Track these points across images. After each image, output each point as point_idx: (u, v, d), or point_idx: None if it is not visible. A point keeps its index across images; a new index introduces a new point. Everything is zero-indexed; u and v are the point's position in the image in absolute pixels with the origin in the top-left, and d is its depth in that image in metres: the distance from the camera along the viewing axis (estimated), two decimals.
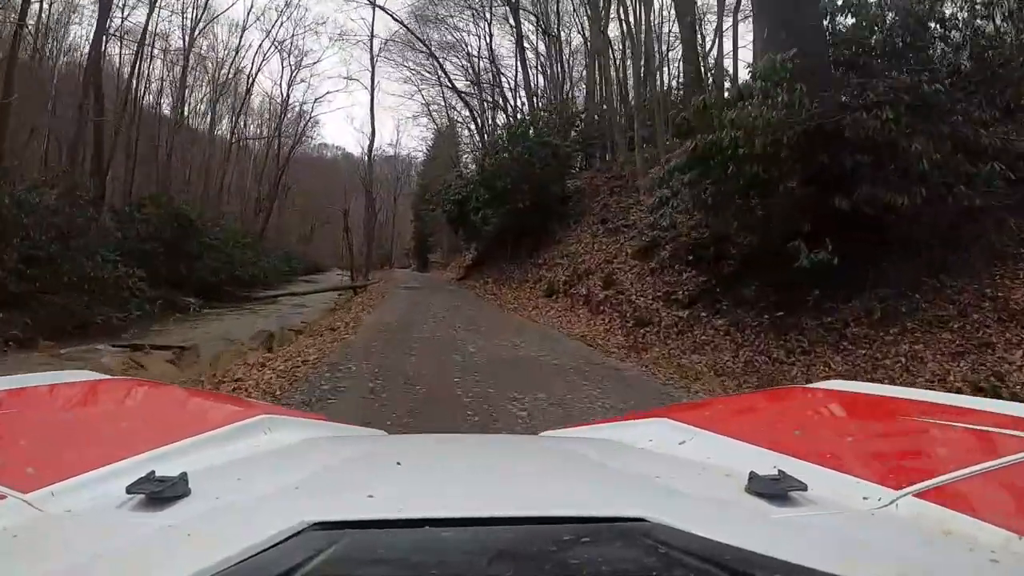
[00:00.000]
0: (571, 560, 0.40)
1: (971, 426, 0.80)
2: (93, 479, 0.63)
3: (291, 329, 12.09)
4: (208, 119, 29.54)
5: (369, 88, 26.23)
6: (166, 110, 27.26)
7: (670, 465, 0.81)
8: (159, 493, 0.56)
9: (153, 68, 26.69)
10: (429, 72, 28.42)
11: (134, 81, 22.34)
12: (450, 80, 25.09)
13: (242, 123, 31.50)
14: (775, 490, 0.60)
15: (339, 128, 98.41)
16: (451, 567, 0.40)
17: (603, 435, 1.09)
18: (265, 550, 0.42)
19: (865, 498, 0.61)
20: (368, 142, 25.96)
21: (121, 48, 24.55)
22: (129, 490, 0.57)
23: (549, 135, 15.72)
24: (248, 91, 28.85)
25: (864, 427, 0.94)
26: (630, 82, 19.91)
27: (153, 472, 0.60)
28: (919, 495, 0.59)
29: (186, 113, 27.48)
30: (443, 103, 31.10)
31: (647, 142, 15.36)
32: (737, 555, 0.42)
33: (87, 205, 17.60)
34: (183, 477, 0.60)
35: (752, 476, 0.63)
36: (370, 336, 8.18)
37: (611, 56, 19.18)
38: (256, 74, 28.76)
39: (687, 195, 9.43)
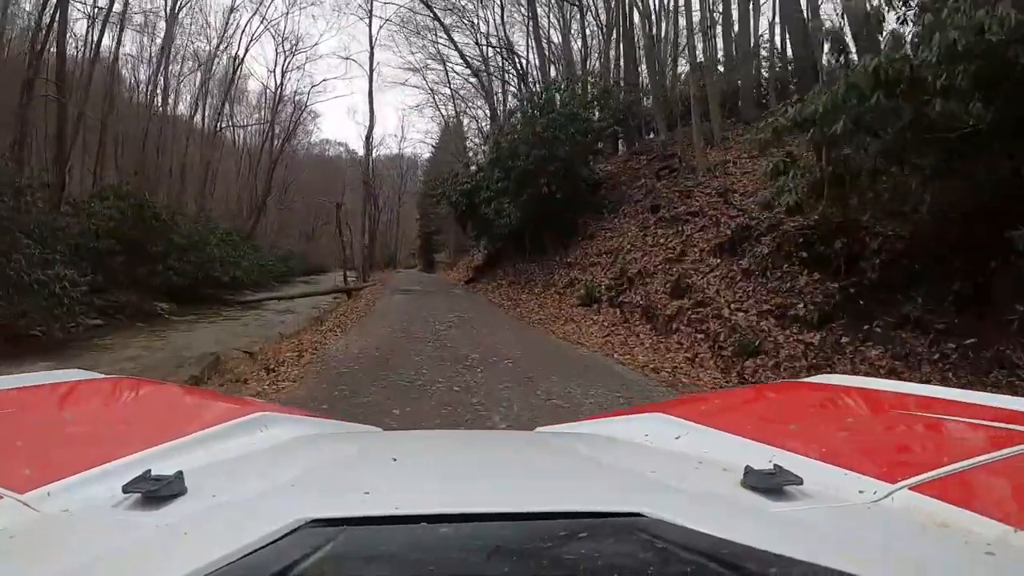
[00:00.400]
0: (568, 556, 0.39)
1: (966, 420, 0.77)
2: (89, 478, 0.60)
3: (245, 350, 8.62)
4: (195, 109, 25.94)
5: (368, 70, 22.67)
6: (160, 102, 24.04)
7: (666, 460, 0.77)
8: (155, 492, 0.53)
9: (142, 54, 23.29)
10: (433, 56, 24.87)
11: (102, 59, 18.80)
12: (455, 45, 21.41)
13: (231, 111, 27.87)
14: (771, 484, 0.57)
15: (342, 124, 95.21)
16: (447, 563, 0.39)
17: (599, 430, 1.03)
18: (262, 547, 0.40)
19: (861, 491, 0.58)
20: (367, 129, 22.33)
21: (92, 28, 21.09)
22: (125, 489, 0.54)
23: (576, 107, 12.11)
24: (235, 72, 25.19)
25: (859, 421, 0.88)
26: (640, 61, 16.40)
27: (149, 471, 0.57)
28: (914, 488, 0.56)
29: (170, 101, 24.00)
30: (449, 91, 27.52)
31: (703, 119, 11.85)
32: (733, 549, 0.40)
33: (25, 195, 14.29)
34: (179, 475, 0.56)
35: (748, 470, 0.59)
36: (320, 389, 4.62)
37: (647, 27, 15.56)
38: (244, 54, 25.12)
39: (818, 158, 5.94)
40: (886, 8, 5.06)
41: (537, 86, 13.48)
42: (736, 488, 0.58)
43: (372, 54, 22.69)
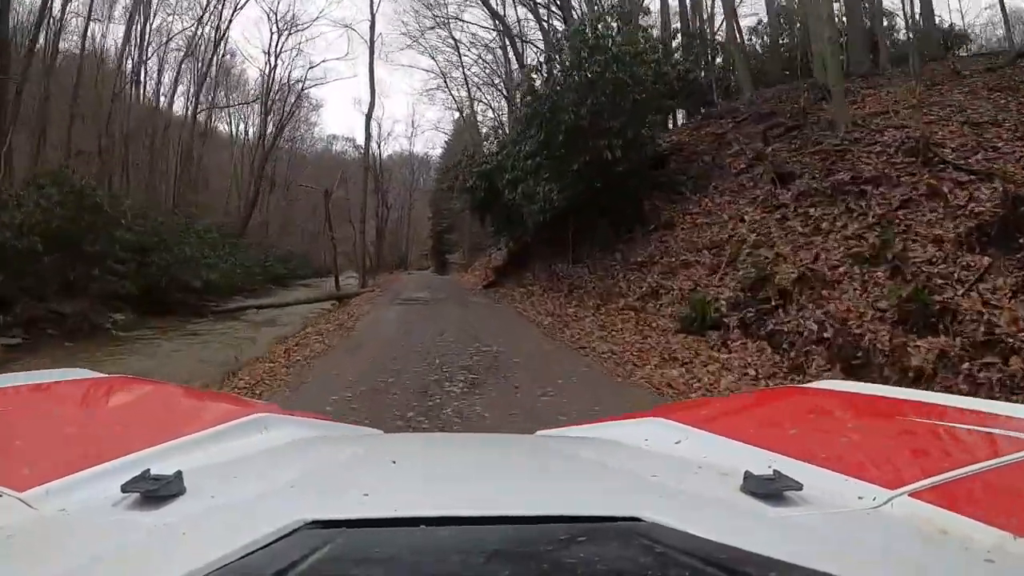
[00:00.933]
0: (567, 559, 0.37)
1: (966, 426, 0.73)
2: (88, 477, 0.58)
3: None
4: (173, 90, 22.40)
5: (368, 40, 18.97)
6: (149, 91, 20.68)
7: (666, 464, 0.73)
8: (154, 492, 0.51)
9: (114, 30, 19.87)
10: (443, 24, 21.15)
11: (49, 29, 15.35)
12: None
13: (214, 94, 24.26)
14: (770, 490, 0.54)
15: (348, 119, 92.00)
16: (446, 566, 0.38)
17: (599, 434, 0.98)
18: (260, 549, 0.39)
19: (860, 498, 0.55)
20: (368, 107, 18.61)
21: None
22: (124, 488, 0.52)
23: (643, 47, 8.27)
24: (217, 46, 21.52)
25: (859, 427, 0.82)
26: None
27: (148, 470, 0.55)
28: (914, 495, 0.54)
29: (150, 83, 20.52)
30: (462, 75, 23.79)
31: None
32: (733, 554, 0.39)
33: None
34: (178, 476, 0.54)
35: (747, 476, 0.56)
36: None
37: None
38: (228, 26, 21.42)
39: None
40: None
41: (586, 24, 9.75)
42: (735, 493, 0.55)
43: (373, 22, 19.04)
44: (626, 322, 6.45)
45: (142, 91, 19.96)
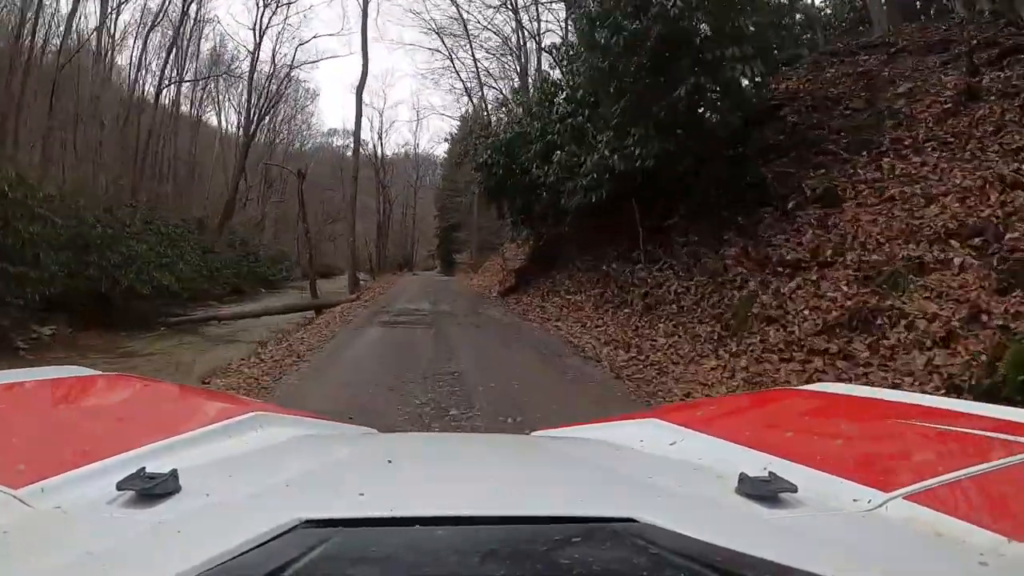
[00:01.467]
0: (561, 560, 0.37)
1: (961, 429, 0.70)
2: (83, 475, 0.56)
3: None
4: (151, 73, 19.40)
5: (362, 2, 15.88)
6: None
7: (661, 466, 0.72)
8: (149, 490, 0.50)
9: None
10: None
11: None
12: None
13: (190, 72, 21.24)
14: (765, 491, 0.53)
15: (349, 115, 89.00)
16: (441, 566, 0.37)
17: (594, 435, 0.96)
18: (256, 547, 0.39)
19: (855, 500, 0.54)
20: (360, 78, 15.52)
21: None
22: (119, 487, 0.51)
23: None
24: (187, 8, 18.39)
25: (854, 429, 0.81)
26: None
27: (143, 469, 0.54)
28: (909, 498, 0.53)
29: (108, 53, 17.55)
30: (468, 44, 20.60)
31: None
32: (727, 556, 0.38)
33: None
34: (173, 474, 0.53)
35: (742, 477, 0.55)
36: None
37: None
38: None
39: None
40: None
41: None
42: (730, 495, 0.54)
43: None
44: (804, 377, 3.34)
45: (103, 66, 16.98)
